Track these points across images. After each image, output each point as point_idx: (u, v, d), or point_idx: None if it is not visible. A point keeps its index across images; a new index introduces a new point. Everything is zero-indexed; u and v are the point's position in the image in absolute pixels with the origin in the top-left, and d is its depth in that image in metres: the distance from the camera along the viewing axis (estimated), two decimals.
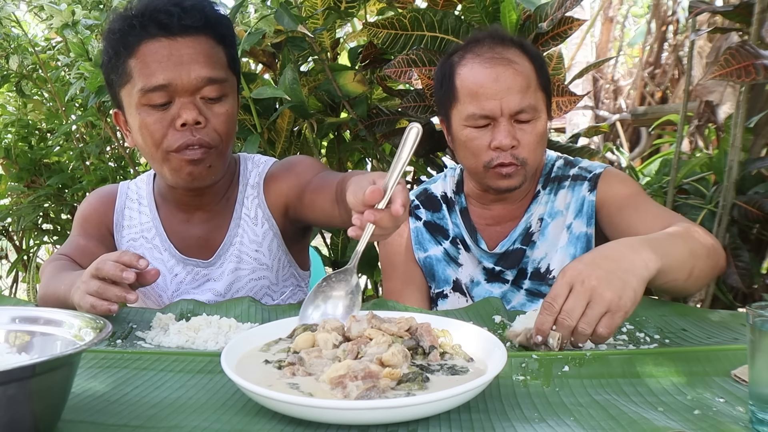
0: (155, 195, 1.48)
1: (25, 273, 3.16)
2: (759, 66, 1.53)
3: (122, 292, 1.07)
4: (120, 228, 1.48)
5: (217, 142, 1.30)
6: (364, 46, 2.15)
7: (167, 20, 1.23)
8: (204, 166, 1.29)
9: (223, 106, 1.30)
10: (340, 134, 2.37)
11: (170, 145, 1.27)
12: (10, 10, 2.40)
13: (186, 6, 1.25)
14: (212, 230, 1.44)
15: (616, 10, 7.02)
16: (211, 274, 1.43)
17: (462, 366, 0.87)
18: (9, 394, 0.66)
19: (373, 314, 0.95)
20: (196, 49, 1.26)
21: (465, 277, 1.49)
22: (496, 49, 1.35)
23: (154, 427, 0.76)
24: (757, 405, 0.73)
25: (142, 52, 1.25)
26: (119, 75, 1.28)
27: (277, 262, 1.46)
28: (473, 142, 1.36)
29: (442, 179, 1.57)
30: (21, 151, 2.91)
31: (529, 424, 0.75)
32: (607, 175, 1.42)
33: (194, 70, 1.25)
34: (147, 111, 1.26)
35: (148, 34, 1.24)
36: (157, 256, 1.44)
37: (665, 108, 4.83)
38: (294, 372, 0.83)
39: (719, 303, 2.06)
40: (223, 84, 1.29)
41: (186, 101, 1.25)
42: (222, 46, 1.32)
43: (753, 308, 0.76)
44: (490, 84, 1.32)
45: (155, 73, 1.23)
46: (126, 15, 1.27)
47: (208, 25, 1.28)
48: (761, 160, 2.05)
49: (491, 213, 1.48)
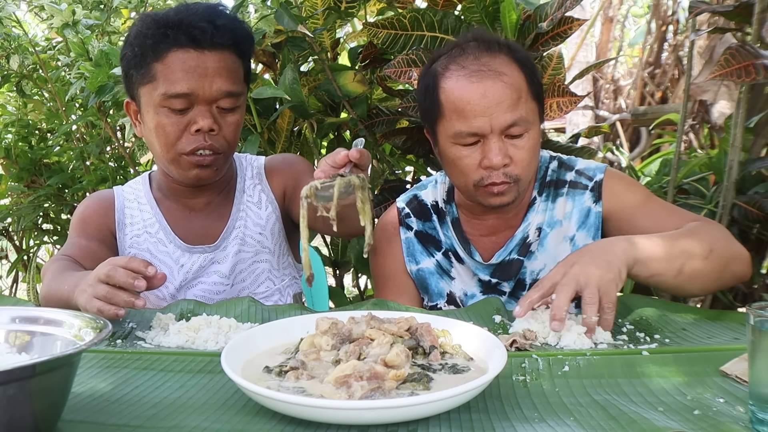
0: (153, 193, 1.53)
1: (25, 273, 3.16)
2: (759, 66, 1.53)
3: (131, 298, 1.07)
4: (122, 227, 1.50)
5: (225, 148, 1.39)
6: (364, 46, 2.15)
7: (200, 36, 1.31)
8: (212, 169, 1.39)
9: (234, 115, 1.39)
10: (340, 134, 2.37)
11: (183, 148, 1.35)
12: (11, 10, 2.40)
13: (219, 24, 1.33)
14: (214, 220, 1.51)
15: (616, 10, 7.02)
16: (216, 257, 1.49)
17: (463, 365, 0.87)
18: (9, 394, 0.66)
19: (372, 315, 0.95)
20: (220, 63, 1.34)
21: (458, 291, 1.42)
22: (483, 59, 1.25)
23: (154, 427, 0.76)
24: (757, 405, 0.73)
25: (170, 59, 1.32)
26: (142, 74, 1.35)
27: (279, 248, 1.53)
28: (462, 161, 1.27)
29: (432, 186, 1.48)
30: (21, 151, 2.91)
31: (529, 424, 0.75)
32: (610, 181, 1.35)
33: (216, 83, 1.33)
34: (165, 113, 1.34)
35: (179, 44, 1.31)
36: (162, 249, 1.48)
37: (665, 108, 4.83)
38: (298, 376, 0.83)
39: (719, 303, 2.06)
40: (239, 97, 1.39)
41: (204, 109, 1.34)
42: (242, 61, 1.40)
43: (753, 308, 0.76)
44: (478, 100, 1.22)
45: (180, 81, 1.31)
46: (160, 22, 1.33)
47: (235, 41, 1.36)
48: (761, 160, 2.05)
49: (485, 224, 1.41)
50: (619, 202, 1.34)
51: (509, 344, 1.01)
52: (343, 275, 2.57)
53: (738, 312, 1.28)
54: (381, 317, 0.96)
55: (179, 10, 1.35)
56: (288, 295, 1.55)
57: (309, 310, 1.24)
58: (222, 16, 1.35)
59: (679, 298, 1.98)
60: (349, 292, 3.02)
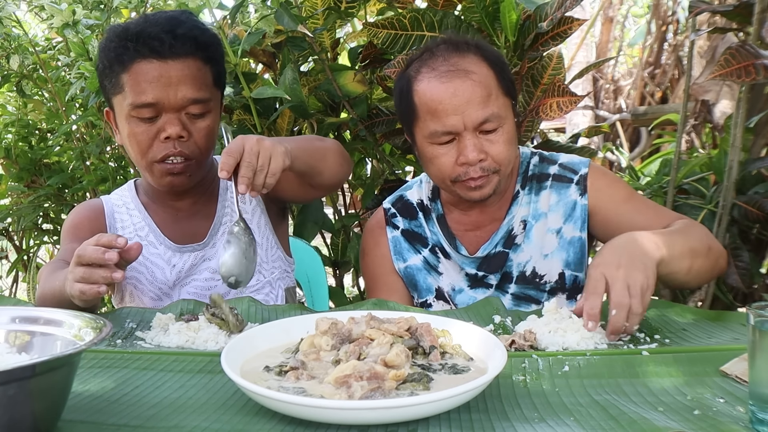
0: (140, 198, 1.56)
1: (25, 273, 3.16)
2: (759, 66, 1.53)
3: (108, 272, 1.08)
4: (113, 231, 1.52)
5: (197, 154, 1.40)
6: (364, 46, 2.15)
7: (159, 47, 1.33)
8: (184, 176, 1.41)
9: (204, 121, 1.40)
10: (340, 134, 2.37)
11: (155, 155, 1.38)
12: (11, 10, 2.40)
13: (177, 33, 1.34)
14: (201, 219, 1.53)
15: (616, 10, 7.02)
16: (206, 254, 1.51)
17: (463, 366, 0.87)
18: (9, 394, 0.66)
19: (372, 315, 0.95)
20: (184, 71, 1.35)
21: (446, 285, 1.45)
22: (452, 60, 1.30)
23: (154, 427, 0.76)
24: (757, 405, 0.73)
25: (135, 70, 1.34)
26: (112, 84, 1.38)
27: (266, 241, 1.55)
28: (439, 159, 1.31)
29: (417, 185, 1.52)
30: (21, 151, 2.91)
31: (529, 424, 0.75)
32: (594, 175, 1.39)
33: (181, 91, 1.34)
34: (136, 122, 1.37)
35: (141, 55, 1.33)
36: (153, 251, 1.50)
37: (665, 108, 4.83)
38: (298, 376, 0.83)
39: (719, 303, 2.06)
40: (207, 103, 1.39)
41: (171, 117, 1.36)
42: (209, 65, 1.41)
43: (753, 308, 0.76)
44: (449, 99, 1.26)
45: (145, 92, 1.33)
46: (121, 34, 1.35)
47: (198, 48, 1.37)
48: (761, 160, 2.05)
49: (469, 218, 1.44)
50: (604, 197, 1.38)
51: (508, 344, 1.01)
52: (343, 275, 2.57)
53: (738, 312, 1.29)
54: (381, 317, 0.96)
55: (139, 21, 1.38)
56: (279, 288, 1.56)
57: (309, 310, 1.24)
58: (183, 25, 1.36)
59: (679, 298, 1.97)
60: (349, 292, 3.02)
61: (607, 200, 1.37)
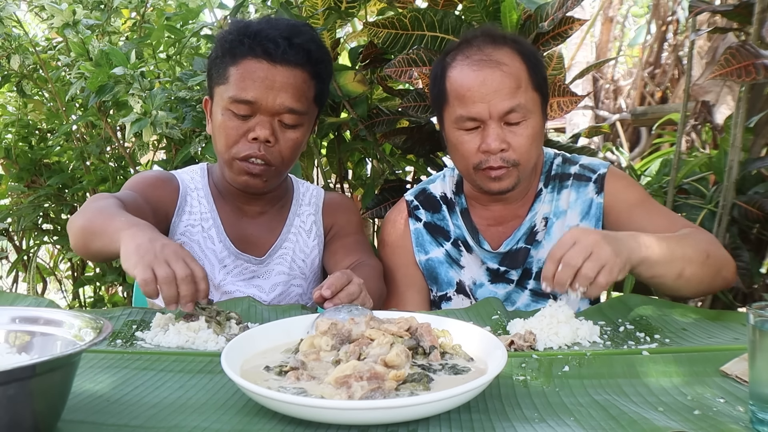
0: (211, 188, 1.55)
1: (25, 273, 3.15)
2: (759, 66, 1.53)
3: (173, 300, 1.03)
4: (181, 212, 1.50)
5: (278, 162, 1.42)
6: (364, 46, 2.14)
7: (273, 50, 1.35)
8: (260, 179, 1.42)
9: (295, 132, 1.42)
10: (340, 134, 2.37)
11: (238, 152, 1.39)
12: (11, 10, 2.39)
13: (294, 42, 1.37)
14: (265, 231, 1.54)
15: (616, 10, 7.02)
16: (258, 271, 1.51)
17: (463, 366, 0.87)
18: (9, 395, 0.66)
19: (372, 315, 0.95)
20: (289, 79, 1.37)
21: (468, 279, 1.47)
22: (486, 50, 1.33)
23: (154, 427, 0.76)
24: (757, 405, 0.74)
25: (243, 66, 1.37)
26: (219, 74, 1.41)
27: (313, 276, 1.58)
28: (463, 146, 1.35)
29: (441, 179, 1.55)
30: (21, 151, 2.91)
31: (529, 424, 0.75)
32: (613, 176, 1.42)
33: (280, 97, 1.37)
34: (230, 116, 1.39)
35: (253, 53, 1.36)
36: (209, 246, 1.49)
37: (665, 108, 4.83)
38: (298, 377, 0.83)
39: (719, 303, 2.06)
40: (302, 115, 1.41)
41: (265, 119, 1.38)
42: (315, 81, 1.43)
43: (753, 308, 0.76)
44: (477, 87, 1.30)
45: (247, 89, 1.36)
46: (242, 30, 1.39)
47: (308, 61, 1.40)
48: (761, 160, 2.05)
49: (492, 213, 1.47)
50: (619, 198, 1.40)
51: (507, 344, 1.01)
52: None
53: (738, 312, 1.28)
54: (381, 317, 0.96)
55: (261, 21, 1.41)
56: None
57: (309, 310, 1.24)
58: (301, 35, 1.39)
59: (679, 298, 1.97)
60: None
61: (621, 201, 1.40)
